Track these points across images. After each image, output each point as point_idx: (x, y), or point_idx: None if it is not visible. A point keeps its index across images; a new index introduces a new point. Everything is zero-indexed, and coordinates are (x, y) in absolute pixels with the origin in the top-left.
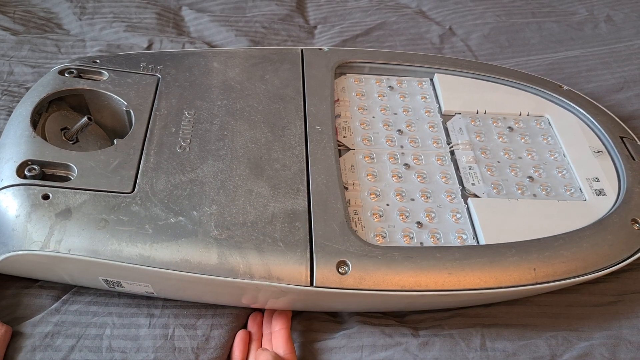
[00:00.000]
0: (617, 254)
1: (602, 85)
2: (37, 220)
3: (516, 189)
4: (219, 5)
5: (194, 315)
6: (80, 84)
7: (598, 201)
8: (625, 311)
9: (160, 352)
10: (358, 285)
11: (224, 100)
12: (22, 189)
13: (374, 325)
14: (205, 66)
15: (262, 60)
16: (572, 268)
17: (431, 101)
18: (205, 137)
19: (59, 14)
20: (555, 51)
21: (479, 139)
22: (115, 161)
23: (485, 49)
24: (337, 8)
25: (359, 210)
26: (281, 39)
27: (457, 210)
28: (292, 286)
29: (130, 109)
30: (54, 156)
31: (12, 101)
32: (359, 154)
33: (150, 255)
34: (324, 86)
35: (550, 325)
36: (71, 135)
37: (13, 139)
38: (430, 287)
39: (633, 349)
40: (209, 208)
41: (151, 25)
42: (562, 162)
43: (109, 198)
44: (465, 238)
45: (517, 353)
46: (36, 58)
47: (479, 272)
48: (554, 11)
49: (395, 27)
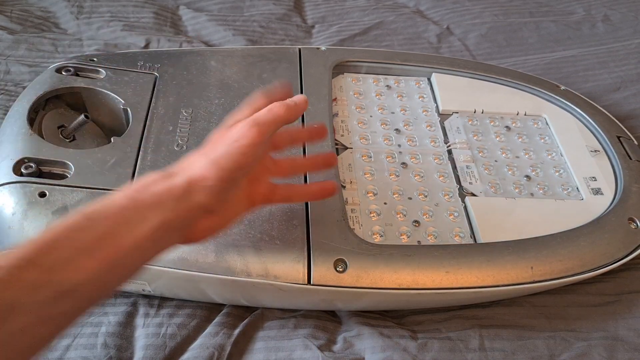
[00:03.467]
0: (614, 253)
1: (600, 84)
2: (33, 218)
3: (513, 188)
4: (217, 4)
5: (188, 316)
6: (77, 82)
7: (595, 200)
8: (622, 311)
9: (151, 350)
10: (355, 284)
11: (221, 99)
12: (18, 186)
13: (372, 327)
14: (203, 65)
15: (260, 59)
16: (569, 267)
17: (429, 100)
18: (203, 136)
19: (56, 13)
20: (553, 51)
21: (476, 138)
22: (112, 159)
23: (483, 49)
24: (335, 7)
25: (357, 208)
26: (279, 38)
27: (454, 209)
28: (290, 284)
29: (127, 107)
30: (51, 154)
31: (8, 100)
32: (356, 153)
33: None
34: (321, 85)
35: (548, 326)
36: (68, 133)
37: (10, 136)
38: (427, 286)
39: (630, 349)
40: None
41: (148, 24)
42: (559, 161)
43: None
44: (462, 237)
45: (516, 353)
46: (33, 57)
47: (477, 271)
48: (551, 11)
49: (392, 26)
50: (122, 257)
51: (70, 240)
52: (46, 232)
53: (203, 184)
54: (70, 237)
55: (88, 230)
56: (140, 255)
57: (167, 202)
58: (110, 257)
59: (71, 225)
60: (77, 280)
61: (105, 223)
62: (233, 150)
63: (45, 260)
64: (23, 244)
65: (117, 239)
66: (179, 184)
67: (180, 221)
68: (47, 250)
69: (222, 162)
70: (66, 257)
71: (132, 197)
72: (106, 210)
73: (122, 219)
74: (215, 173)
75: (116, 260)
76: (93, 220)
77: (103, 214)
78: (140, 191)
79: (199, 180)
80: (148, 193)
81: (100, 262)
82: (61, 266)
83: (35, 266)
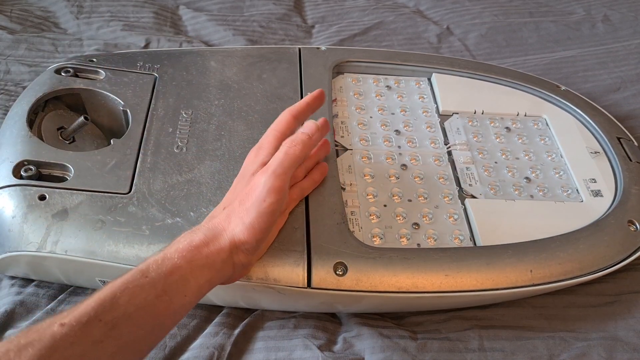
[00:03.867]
0: (613, 256)
1: (599, 85)
2: (33, 221)
3: (513, 189)
4: (217, 4)
5: (188, 316)
6: (76, 84)
7: (595, 202)
8: (621, 311)
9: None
10: (355, 287)
11: (221, 100)
12: (18, 189)
13: (372, 327)
14: (203, 65)
15: (260, 59)
16: (569, 269)
17: (429, 101)
18: (203, 137)
19: (55, 12)
20: (553, 51)
21: (476, 140)
22: (112, 161)
23: (483, 49)
24: (335, 7)
25: (357, 211)
26: (279, 38)
27: (454, 212)
28: (289, 287)
29: (127, 108)
30: (51, 156)
31: (8, 100)
32: (356, 155)
33: (148, 256)
34: (321, 86)
35: (548, 326)
36: (68, 135)
37: (9, 139)
38: (427, 289)
39: (629, 349)
40: (206, 209)
41: (148, 24)
42: (559, 162)
43: (106, 199)
44: (462, 239)
45: (516, 353)
46: (33, 57)
47: (476, 274)
48: (551, 11)
49: (392, 26)
50: (172, 313)
51: (130, 296)
52: (107, 287)
53: (244, 247)
54: (129, 293)
55: (147, 288)
56: (188, 307)
57: (215, 263)
58: (164, 313)
59: (130, 281)
60: (136, 335)
61: (161, 282)
62: (264, 211)
63: (109, 317)
64: (86, 299)
65: (170, 296)
66: (225, 247)
67: (224, 276)
68: (110, 307)
69: (257, 226)
70: (128, 314)
71: (187, 258)
72: (161, 269)
73: (177, 277)
74: (253, 237)
75: (168, 316)
76: (151, 279)
77: (159, 272)
78: (194, 253)
79: (240, 245)
80: (201, 255)
81: (156, 319)
82: (123, 323)
83: (101, 323)
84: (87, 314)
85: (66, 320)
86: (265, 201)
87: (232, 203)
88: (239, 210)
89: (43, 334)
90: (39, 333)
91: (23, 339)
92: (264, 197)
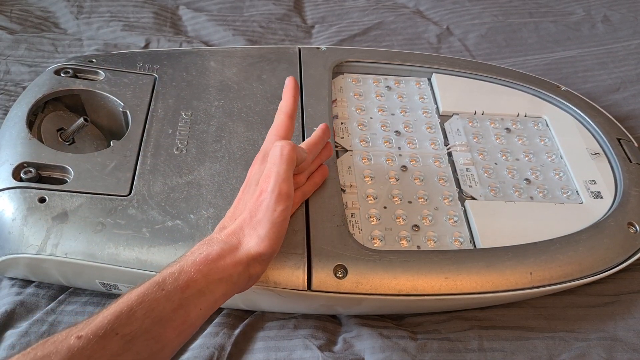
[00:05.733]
0: (613, 258)
1: (599, 85)
2: (33, 224)
3: (513, 191)
4: (216, 4)
5: None
6: (76, 84)
7: (595, 204)
8: (621, 312)
9: None
10: (355, 289)
11: (220, 101)
12: (18, 191)
13: (372, 327)
14: (202, 65)
15: (260, 59)
16: (568, 272)
17: (429, 101)
18: (202, 139)
19: (55, 13)
20: (552, 51)
21: (476, 141)
22: (111, 163)
23: (483, 49)
24: (335, 7)
25: (356, 212)
26: (279, 38)
27: (454, 213)
28: (290, 290)
29: (126, 109)
30: (50, 158)
31: (8, 100)
32: (356, 156)
33: (148, 259)
34: (321, 86)
35: (547, 327)
36: (67, 136)
37: (9, 140)
38: (427, 292)
39: (629, 349)
40: (206, 211)
41: (148, 24)
42: (559, 164)
43: (106, 201)
44: (462, 241)
45: (515, 353)
46: (33, 57)
47: (476, 277)
48: (551, 11)
49: (392, 26)
50: (188, 325)
51: (147, 310)
52: (123, 300)
53: (261, 259)
54: (146, 307)
55: (163, 301)
56: (203, 319)
57: (232, 276)
58: (181, 326)
59: (146, 294)
60: (153, 349)
61: (178, 296)
62: (275, 221)
63: (126, 330)
64: (102, 312)
65: (187, 309)
66: (242, 260)
67: (239, 288)
68: (127, 320)
69: (272, 235)
70: (145, 328)
71: (203, 272)
72: (177, 282)
73: (194, 291)
74: (269, 247)
75: (185, 329)
76: (167, 292)
77: (175, 285)
78: (211, 266)
79: (257, 257)
80: (218, 268)
81: (173, 331)
82: (140, 337)
83: (118, 336)
84: (103, 327)
85: (83, 333)
86: (276, 210)
87: (242, 214)
88: (251, 222)
89: (60, 347)
90: (55, 345)
91: (40, 351)
92: (274, 207)
